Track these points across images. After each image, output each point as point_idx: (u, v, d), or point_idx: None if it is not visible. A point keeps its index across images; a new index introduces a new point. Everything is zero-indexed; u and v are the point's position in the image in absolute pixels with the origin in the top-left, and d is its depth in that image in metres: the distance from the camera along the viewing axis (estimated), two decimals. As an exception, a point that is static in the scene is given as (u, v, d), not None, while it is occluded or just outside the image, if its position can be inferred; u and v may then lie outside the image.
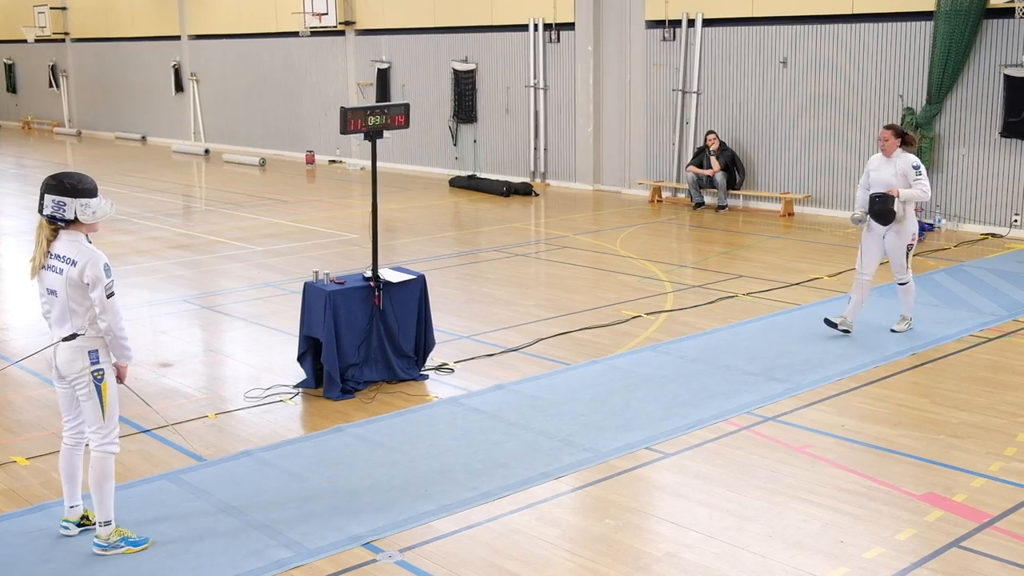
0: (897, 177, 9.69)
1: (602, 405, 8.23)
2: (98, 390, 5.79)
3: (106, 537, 5.86)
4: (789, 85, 17.71)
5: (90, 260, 5.72)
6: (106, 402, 5.81)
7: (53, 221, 5.76)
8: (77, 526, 6.11)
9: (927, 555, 5.74)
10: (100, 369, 5.78)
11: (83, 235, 5.82)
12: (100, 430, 5.83)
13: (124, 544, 5.88)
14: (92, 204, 5.80)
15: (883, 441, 7.44)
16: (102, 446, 5.83)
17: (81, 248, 5.77)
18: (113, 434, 5.86)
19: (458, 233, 17.10)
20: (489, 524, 6.20)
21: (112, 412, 5.85)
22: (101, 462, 5.82)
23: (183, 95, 31.18)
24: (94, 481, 5.83)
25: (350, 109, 8.45)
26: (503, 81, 22.24)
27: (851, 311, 10.04)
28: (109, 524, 5.87)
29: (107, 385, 5.81)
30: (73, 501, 6.11)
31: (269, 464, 7.12)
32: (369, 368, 8.76)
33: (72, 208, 5.73)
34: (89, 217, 5.78)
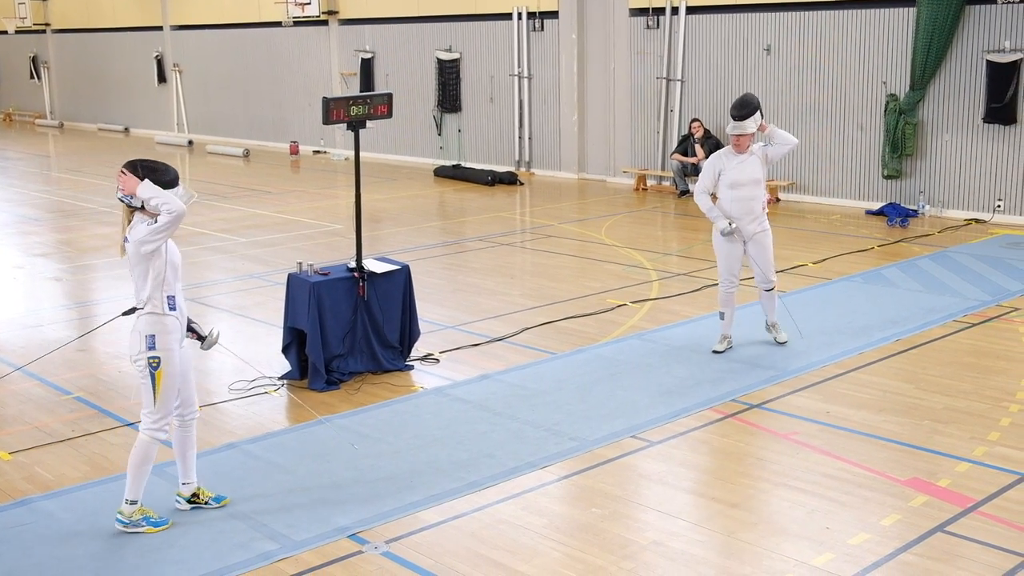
0: (762, 168, 8.98)
1: (588, 394, 8.23)
2: (152, 377, 5.90)
3: (129, 515, 5.98)
4: (773, 72, 17.71)
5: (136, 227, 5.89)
6: (159, 390, 5.92)
7: (125, 203, 5.94)
8: (188, 502, 6.28)
9: (912, 540, 5.76)
10: (156, 357, 5.88)
11: (151, 219, 5.90)
12: (150, 415, 5.97)
13: (145, 523, 5.99)
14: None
15: (868, 427, 7.46)
16: (150, 430, 5.96)
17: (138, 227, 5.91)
18: (163, 421, 5.98)
19: (443, 223, 17.06)
20: (475, 514, 6.19)
21: (165, 400, 5.95)
22: (145, 446, 5.96)
23: (166, 86, 31.01)
24: (133, 461, 5.96)
25: (332, 99, 8.41)
26: (487, 70, 22.18)
27: (727, 326, 9.27)
28: (135, 504, 5.99)
29: (162, 374, 5.91)
30: (186, 478, 6.28)
31: (254, 456, 7.10)
32: (354, 359, 8.73)
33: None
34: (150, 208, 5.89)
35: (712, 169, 9.07)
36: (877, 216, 16.04)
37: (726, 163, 9.02)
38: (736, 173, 8.97)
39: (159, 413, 5.95)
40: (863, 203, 16.74)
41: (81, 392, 8.52)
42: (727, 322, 9.26)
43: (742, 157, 8.98)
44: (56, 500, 6.46)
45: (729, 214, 9.03)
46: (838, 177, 17.12)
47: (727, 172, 9.00)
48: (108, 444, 7.35)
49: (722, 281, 9.22)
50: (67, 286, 12.68)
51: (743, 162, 8.98)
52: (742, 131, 8.88)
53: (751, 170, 8.97)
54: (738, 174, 8.96)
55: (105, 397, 8.38)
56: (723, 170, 9.01)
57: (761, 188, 9.06)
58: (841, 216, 16.12)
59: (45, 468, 6.99)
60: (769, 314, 9.44)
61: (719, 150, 9.25)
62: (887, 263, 12.75)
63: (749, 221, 9.04)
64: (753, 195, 9.00)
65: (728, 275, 9.16)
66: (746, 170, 8.97)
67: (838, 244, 13.86)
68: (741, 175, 8.96)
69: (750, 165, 8.97)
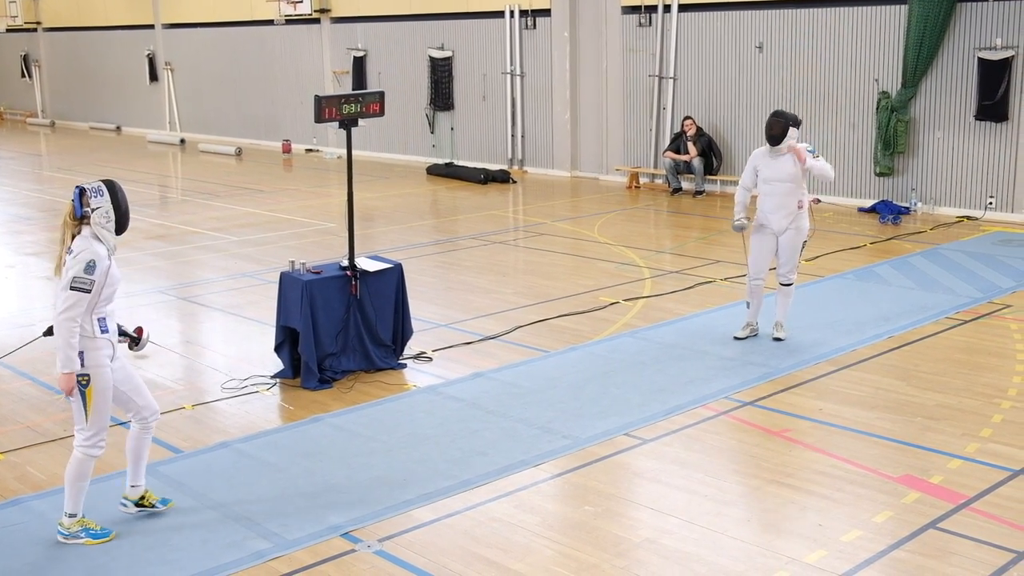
0: (795, 165, 9.12)
1: (580, 392, 8.23)
2: (82, 395, 5.75)
3: (68, 527, 5.89)
4: (765, 70, 17.73)
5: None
6: (90, 407, 5.79)
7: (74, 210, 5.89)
8: (136, 505, 6.20)
9: (904, 537, 5.77)
10: (85, 375, 5.73)
11: (92, 236, 5.85)
12: (82, 431, 5.84)
13: (84, 535, 5.89)
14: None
15: (860, 424, 7.47)
16: (84, 447, 5.85)
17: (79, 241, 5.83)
18: (96, 437, 5.85)
19: (436, 221, 17.05)
20: (468, 512, 6.19)
21: (97, 417, 5.81)
22: (80, 463, 5.85)
23: (158, 84, 30.94)
24: (69, 477, 5.86)
25: (324, 97, 8.40)
26: (479, 68, 22.17)
27: (753, 315, 9.52)
28: (74, 516, 5.90)
29: (92, 391, 5.76)
30: (135, 481, 6.18)
31: (246, 455, 7.08)
32: (347, 358, 8.72)
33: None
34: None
35: (750, 166, 9.39)
36: (869, 213, 16.07)
37: (761, 160, 9.30)
38: (770, 171, 9.22)
39: (92, 430, 5.81)
40: (855, 200, 16.76)
41: (73, 391, 8.47)
42: (753, 311, 9.52)
43: (776, 156, 9.18)
44: (48, 500, 6.44)
45: (765, 209, 9.26)
46: (830, 174, 17.10)
47: (762, 169, 9.27)
48: (100, 443, 7.32)
49: (749, 274, 9.48)
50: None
51: (777, 160, 9.19)
52: (781, 153, 9.17)
53: (785, 168, 9.16)
54: (772, 172, 9.22)
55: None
56: (759, 167, 9.29)
57: (796, 185, 9.18)
58: (833, 213, 16.14)
59: (37, 468, 6.97)
60: (779, 311, 9.57)
61: (759, 148, 9.43)
62: (879, 260, 12.76)
63: (781, 217, 9.24)
64: (786, 192, 9.18)
65: (756, 269, 9.40)
66: (780, 168, 9.18)
67: (830, 241, 13.88)
68: (775, 172, 9.20)
69: (784, 163, 9.17)
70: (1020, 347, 9.23)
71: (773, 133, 9.15)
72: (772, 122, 9.19)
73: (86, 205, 5.78)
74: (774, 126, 9.15)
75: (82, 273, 5.64)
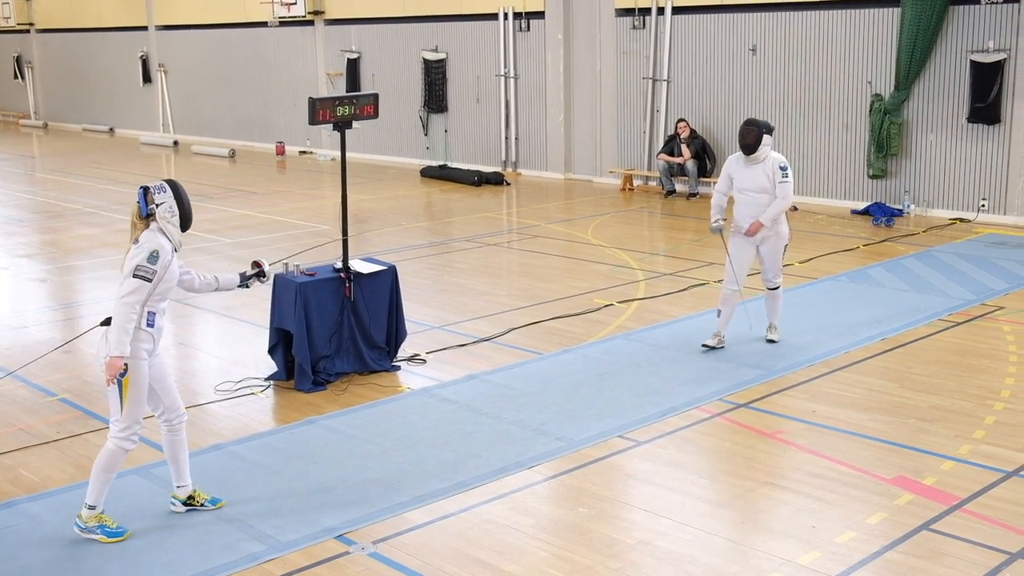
0: (768, 179, 9.00)
1: (574, 394, 8.23)
2: (119, 384, 5.82)
3: (85, 519, 5.92)
4: (759, 72, 17.76)
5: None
6: (125, 398, 5.86)
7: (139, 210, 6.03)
8: (183, 504, 6.26)
9: (898, 538, 5.78)
10: (123, 363, 5.78)
11: (159, 231, 5.97)
12: (117, 423, 5.91)
13: (100, 531, 5.91)
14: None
15: (853, 426, 7.48)
16: (117, 439, 5.90)
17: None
18: (130, 430, 5.91)
19: (429, 223, 17.05)
20: (462, 514, 6.19)
21: (131, 409, 5.88)
22: (111, 454, 5.91)
23: (151, 86, 30.89)
24: (97, 467, 5.91)
25: (319, 99, 8.41)
26: (473, 70, 22.17)
27: (723, 324, 9.32)
28: (93, 509, 5.92)
29: (129, 382, 5.83)
30: (180, 481, 6.26)
31: (240, 457, 7.08)
32: (341, 360, 8.72)
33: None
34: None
35: (725, 172, 9.27)
36: (862, 216, 16.10)
37: (735, 168, 9.19)
38: (744, 180, 9.11)
39: (126, 422, 5.88)
40: (848, 203, 16.80)
41: (66, 394, 8.48)
42: (723, 320, 9.31)
43: (750, 165, 9.07)
44: (41, 502, 6.44)
45: (739, 216, 9.16)
46: (823, 177, 17.17)
47: (737, 178, 9.16)
48: (93, 446, 7.29)
49: (725, 280, 9.31)
50: (52, 287, 12.63)
51: (750, 170, 9.08)
52: (755, 163, 9.05)
53: (756, 178, 9.05)
54: (746, 181, 9.10)
55: (90, 399, 8.34)
56: (733, 174, 9.18)
57: (768, 196, 9.04)
58: (826, 216, 16.17)
59: (30, 470, 6.96)
60: (771, 314, 9.52)
61: (734, 154, 9.29)
62: (872, 262, 12.79)
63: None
64: (759, 201, 9.06)
65: (730, 276, 9.22)
66: (752, 178, 9.07)
67: (824, 243, 13.90)
68: (749, 182, 9.09)
69: (756, 173, 9.05)
70: (1013, 349, 9.26)
71: (747, 142, 8.96)
72: (745, 130, 8.99)
73: (151, 202, 5.92)
74: (747, 135, 8.96)
75: (145, 262, 5.77)
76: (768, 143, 8.99)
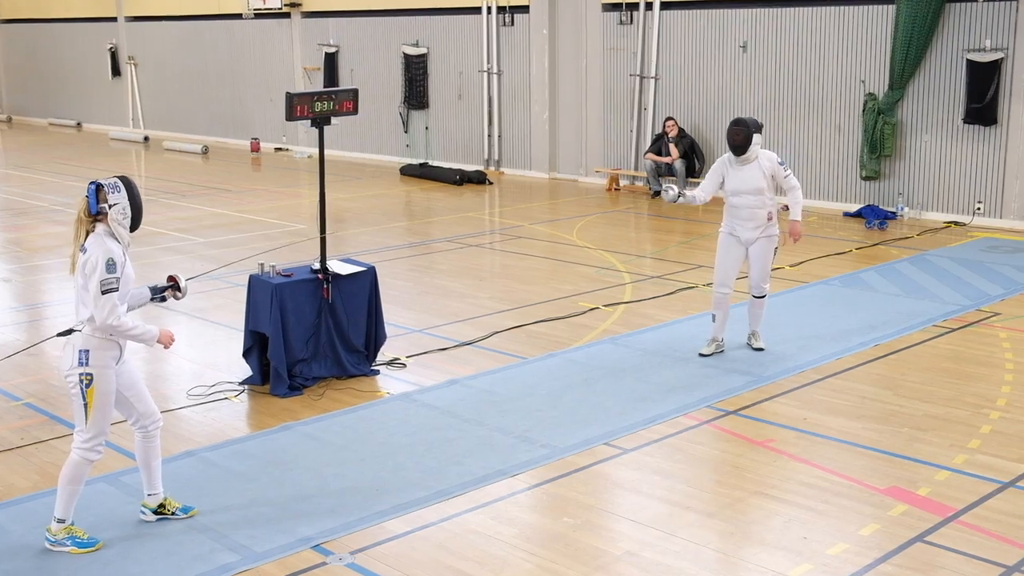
0: (765, 178, 8.97)
1: (559, 400, 8.24)
2: (83, 394, 5.80)
3: (55, 532, 5.89)
4: (749, 70, 17.82)
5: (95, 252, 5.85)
6: (90, 408, 5.83)
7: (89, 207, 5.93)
8: (154, 513, 6.23)
9: (891, 550, 5.81)
10: (88, 374, 5.78)
11: (108, 234, 5.92)
12: (81, 433, 5.87)
13: (71, 543, 5.87)
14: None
15: (846, 434, 7.51)
16: (82, 449, 5.86)
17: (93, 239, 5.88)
18: (95, 440, 5.87)
19: (409, 223, 17.03)
20: (443, 524, 6.19)
21: (97, 419, 5.84)
22: (76, 465, 5.88)
23: (120, 79, 30.75)
24: (63, 479, 5.87)
25: (296, 95, 8.39)
26: (455, 66, 22.17)
27: (719, 329, 9.31)
28: (63, 522, 5.89)
29: (94, 391, 5.80)
30: (151, 489, 6.23)
31: (214, 464, 7.05)
32: (318, 364, 8.70)
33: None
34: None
35: (715, 174, 9.16)
36: (855, 218, 16.18)
37: (727, 170, 9.09)
38: (737, 181, 9.02)
39: (91, 432, 5.84)
40: (841, 205, 16.87)
41: (31, 398, 8.43)
42: (718, 325, 9.28)
43: (742, 165, 9.01)
44: (4, 511, 6.40)
45: (731, 218, 9.11)
46: (815, 178, 17.24)
47: (729, 179, 9.07)
48: (59, 452, 7.26)
49: (715, 284, 9.28)
50: (16, 287, 12.55)
51: (743, 171, 9.01)
52: (747, 163, 9.00)
53: (751, 179, 8.98)
54: (739, 182, 9.01)
55: (56, 403, 8.29)
56: (726, 176, 9.09)
57: (764, 197, 9.02)
58: (818, 218, 16.24)
59: (-7, 477, 6.91)
60: (753, 322, 9.50)
61: (724, 155, 9.22)
62: (865, 266, 12.85)
63: (751, 228, 9.09)
64: (754, 204, 9.02)
65: (722, 278, 9.21)
66: (746, 179, 8.99)
67: (815, 247, 13.96)
68: (742, 183, 9.00)
69: (750, 173, 8.99)
70: (1009, 356, 9.31)
71: (737, 142, 8.90)
72: (734, 131, 8.92)
73: (103, 201, 5.81)
74: (737, 135, 8.89)
75: (106, 274, 5.73)
76: (758, 142, 8.97)
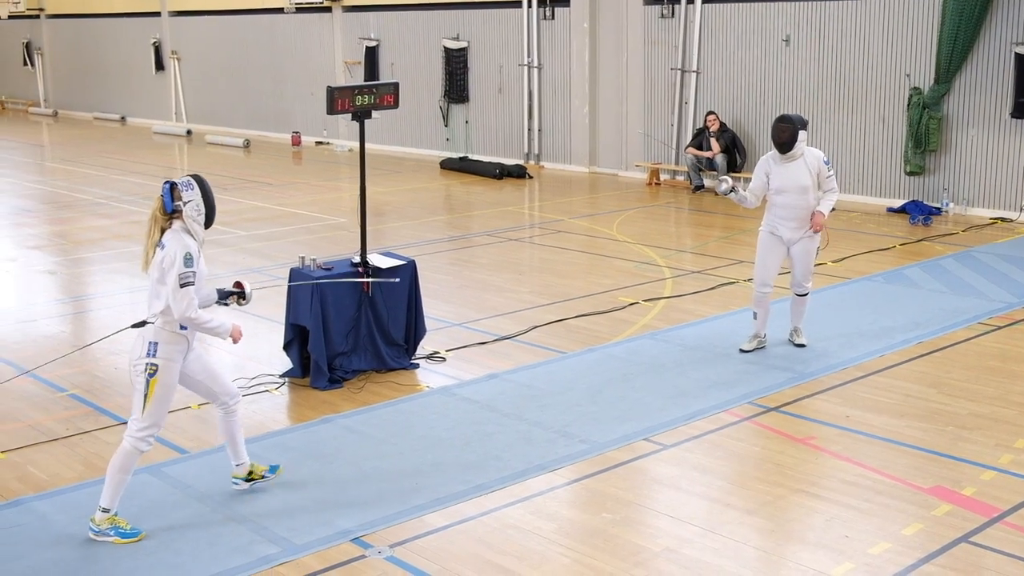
0: (811, 176, 8.90)
1: (599, 395, 8.23)
2: (146, 384, 5.93)
3: (99, 522, 5.97)
4: (792, 64, 17.67)
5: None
6: (150, 398, 5.94)
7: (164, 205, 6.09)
8: (245, 481, 6.53)
9: (935, 550, 5.75)
10: (154, 364, 5.92)
11: (184, 230, 6.07)
12: (137, 422, 5.98)
13: (114, 533, 5.94)
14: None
15: (889, 432, 7.44)
16: (134, 439, 5.97)
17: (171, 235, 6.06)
18: (148, 431, 5.98)
19: (449, 217, 17.06)
20: (482, 518, 6.20)
21: (154, 410, 5.97)
22: (126, 454, 5.97)
23: (164, 74, 31.02)
24: (111, 467, 5.98)
25: (337, 88, 8.41)
26: (496, 59, 22.17)
27: (761, 326, 9.25)
28: (107, 512, 5.97)
29: (157, 382, 5.93)
30: (238, 459, 6.51)
31: (255, 456, 7.05)
32: (358, 357, 8.74)
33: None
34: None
35: (760, 172, 9.08)
36: (899, 214, 16.00)
37: (772, 167, 9.00)
38: (782, 179, 8.91)
39: (146, 422, 5.95)
40: (884, 200, 16.70)
41: (76, 389, 8.53)
42: (760, 322, 9.22)
43: (787, 163, 8.92)
44: (50, 501, 6.48)
45: (776, 217, 9.02)
46: (858, 173, 17.07)
47: (774, 177, 8.97)
48: (103, 443, 7.36)
49: (756, 283, 9.20)
50: (61, 279, 12.71)
51: (788, 167, 8.91)
52: (792, 160, 8.89)
53: (797, 176, 8.88)
54: (784, 180, 8.90)
55: (101, 394, 8.39)
56: (770, 174, 8.99)
57: (809, 196, 8.93)
58: (861, 214, 16.08)
59: (38, 467, 7.00)
60: (795, 318, 9.43)
61: (767, 154, 9.15)
62: (909, 263, 12.72)
63: (795, 227, 9.00)
64: (799, 203, 8.92)
65: (763, 277, 9.12)
66: (792, 177, 8.88)
67: (858, 243, 13.83)
68: (787, 181, 8.90)
69: (797, 170, 8.89)
70: (1056, 354, 9.19)
71: (782, 140, 8.81)
72: (780, 128, 8.83)
73: (177, 199, 5.99)
74: (782, 132, 8.81)
75: (184, 268, 5.88)
76: (804, 139, 8.87)
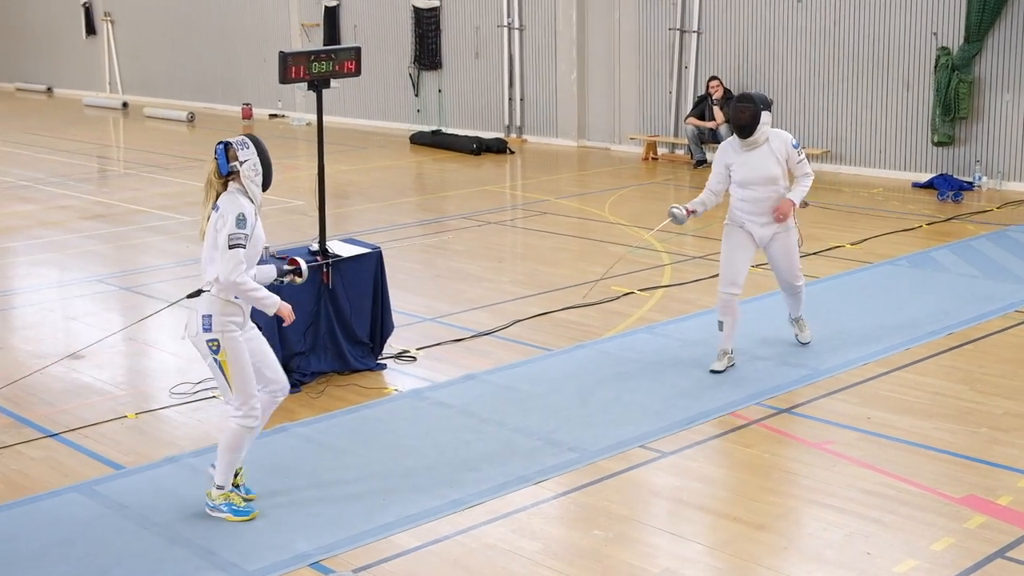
0: (778, 164, 8.45)
1: (589, 397, 8.23)
2: (217, 363, 6.16)
3: (214, 498, 6.37)
4: (805, 23, 17.70)
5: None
6: (229, 375, 6.18)
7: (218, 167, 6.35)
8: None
9: (967, 567, 5.77)
10: (214, 339, 6.12)
11: (242, 192, 6.30)
12: (231, 402, 6.27)
13: (227, 510, 6.32)
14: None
15: (915, 436, 7.47)
16: (237, 418, 6.26)
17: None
18: (248, 406, 6.24)
19: (421, 198, 17.06)
20: (458, 538, 6.19)
21: (241, 384, 6.20)
22: (234, 435, 6.27)
23: (95, 39, 30.91)
24: (221, 446, 6.30)
25: (291, 54, 8.41)
26: (472, 21, 22.15)
27: (728, 339, 8.71)
28: (222, 488, 6.35)
29: (226, 356, 6.14)
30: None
31: (200, 472, 7.05)
32: (317, 357, 8.72)
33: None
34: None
35: (719, 163, 8.67)
36: (926, 189, 16.07)
37: (732, 158, 8.57)
38: (745, 170, 8.49)
39: (239, 399, 6.21)
40: (910, 174, 16.77)
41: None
42: (726, 334, 8.70)
43: (749, 150, 8.50)
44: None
45: (739, 212, 8.65)
46: (880, 144, 17.13)
47: (736, 168, 8.54)
48: (27, 459, 7.31)
49: (721, 284, 8.73)
50: (-20, 273, 12.64)
51: (752, 156, 8.48)
52: (755, 147, 8.49)
53: (763, 166, 8.45)
54: (748, 171, 8.49)
55: (24, 404, 8.33)
56: (731, 165, 8.57)
57: (779, 187, 8.54)
58: (884, 190, 16.15)
59: None
60: (793, 309, 9.22)
61: (724, 141, 8.81)
62: (937, 244, 12.78)
63: (764, 224, 8.62)
64: (768, 195, 8.53)
65: (730, 276, 8.66)
66: (755, 166, 8.46)
67: (880, 222, 13.88)
68: (750, 172, 8.48)
69: (761, 159, 8.46)
70: (1101, 345, 9.24)
71: (742, 122, 8.30)
72: (739, 108, 8.33)
73: (233, 159, 6.24)
74: (741, 113, 8.30)
75: (235, 228, 6.04)
76: (767, 121, 8.40)
